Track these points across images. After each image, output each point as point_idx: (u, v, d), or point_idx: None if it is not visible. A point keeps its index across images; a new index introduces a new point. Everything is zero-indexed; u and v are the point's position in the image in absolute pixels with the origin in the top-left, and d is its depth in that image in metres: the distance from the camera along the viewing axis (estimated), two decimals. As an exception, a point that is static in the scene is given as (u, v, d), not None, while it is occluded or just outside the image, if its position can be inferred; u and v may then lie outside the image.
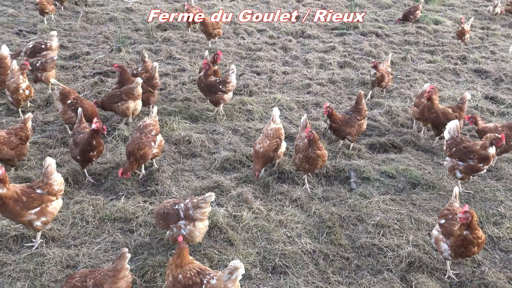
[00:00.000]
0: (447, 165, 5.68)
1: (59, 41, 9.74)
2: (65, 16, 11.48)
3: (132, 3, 12.72)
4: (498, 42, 11.63)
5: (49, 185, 4.44)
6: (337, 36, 11.47)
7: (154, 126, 5.73)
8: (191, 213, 4.31)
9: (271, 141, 5.63)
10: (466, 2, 15.61)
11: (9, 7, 11.72)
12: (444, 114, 6.32)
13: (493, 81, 9.29)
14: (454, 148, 5.61)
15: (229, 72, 7.16)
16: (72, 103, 6.29)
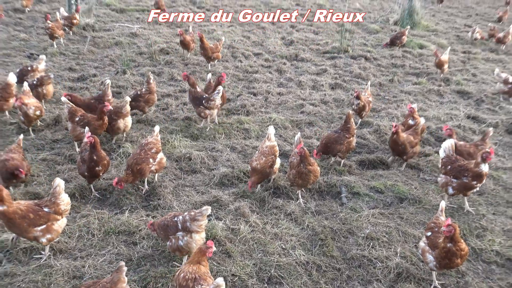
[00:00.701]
0: (440, 181, 5.69)
1: (68, 63, 9.84)
2: (74, 41, 11.54)
3: (136, 29, 12.81)
4: (478, 65, 11.75)
5: (56, 205, 4.44)
6: (329, 59, 11.57)
7: (155, 144, 5.73)
8: (188, 225, 4.31)
9: (267, 158, 5.65)
10: (449, 28, 15.82)
11: (21, 32, 11.80)
12: (410, 143, 6.35)
13: (474, 102, 9.36)
14: (449, 166, 5.61)
15: (215, 92, 7.22)
16: (80, 120, 6.32)
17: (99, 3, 15.10)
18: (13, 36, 11.49)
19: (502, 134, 8.02)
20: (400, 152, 6.41)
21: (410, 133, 6.50)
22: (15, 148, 5.54)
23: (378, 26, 15.15)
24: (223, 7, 16.61)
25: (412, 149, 6.42)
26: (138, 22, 13.70)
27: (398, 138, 6.25)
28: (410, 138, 6.40)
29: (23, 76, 8.04)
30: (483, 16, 18.53)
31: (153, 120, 7.67)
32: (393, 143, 6.39)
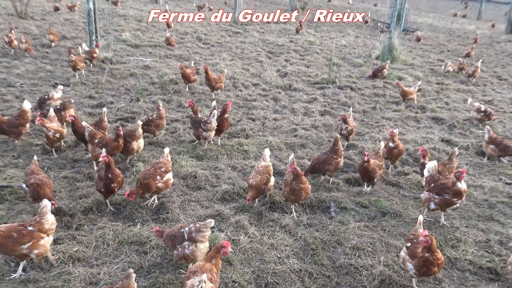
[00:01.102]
0: (424, 197, 5.67)
1: (88, 92, 9.89)
2: (94, 72, 11.62)
3: (149, 62, 12.91)
4: (451, 94, 11.85)
5: (41, 224, 4.35)
6: (318, 89, 11.65)
7: (165, 164, 5.71)
8: (193, 235, 4.30)
9: (262, 176, 5.66)
10: (424, 62, 15.97)
11: (47, 64, 11.88)
12: (378, 167, 6.24)
13: (447, 127, 9.41)
14: (432, 184, 5.60)
15: (211, 117, 7.30)
16: (99, 141, 6.33)
17: (117, 40, 15.24)
18: (40, 67, 11.56)
19: (472, 155, 8.05)
20: (370, 177, 6.23)
21: (375, 158, 6.36)
22: (36, 168, 5.41)
23: (362, 60, 15.30)
24: (226, 43, 16.79)
25: (379, 171, 6.26)
26: (150, 56, 13.81)
27: (369, 166, 6.10)
28: (377, 162, 6.27)
29: (42, 103, 8.06)
30: (454, 52, 18.75)
31: (163, 142, 7.67)
32: (364, 170, 6.19)
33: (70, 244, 4.78)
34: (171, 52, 14.47)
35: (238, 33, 19.27)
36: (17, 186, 5.80)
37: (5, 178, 6.05)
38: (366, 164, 6.10)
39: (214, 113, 7.31)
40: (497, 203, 6.34)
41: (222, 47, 16.17)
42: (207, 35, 18.06)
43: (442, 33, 24.12)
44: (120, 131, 6.41)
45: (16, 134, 6.98)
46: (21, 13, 18.21)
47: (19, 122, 6.94)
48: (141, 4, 26.59)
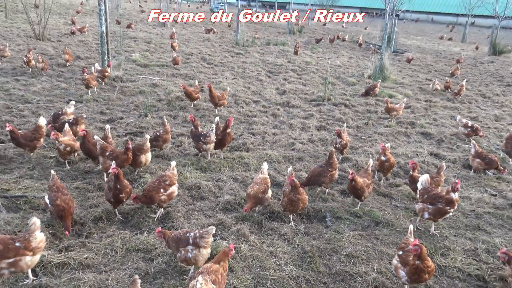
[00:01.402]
0: (418, 208, 5.62)
1: (99, 108, 9.90)
2: (105, 89, 11.65)
3: (157, 80, 12.96)
4: (438, 111, 11.85)
5: (28, 241, 4.01)
6: (315, 106, 11.66)
7: (170, 177, 5.63)
8: (198, 241, 4.27)
9: (260, 186, 5.61)
10: (413, 81, 16.03)
11: (62, 82, 11.92)
12: (367, 186, 6.01)
13: (436, 142, 9.39)
14: (425, 195, 5.58)
15: (209, 130, 7.33)
16: (110, 154, 6.31)
17: (127, 60, 15.32)
18: (55, 85, 11.60)
19: (460, 168, 8.01)
20: (359, 195, 6.04)
21: (363, 176, 6.14)
22: (61, 186, 5.21)
23: (355, 79, 15.35)
24: (228, 63, 16.87)
25: (368, 189, 6.04)
26: (158, 75, 13.87)
27: (356, 184, 5.89)
28: (366, 181, 6.04)
29: (56, 118, 8.08)
30: (441, 72, 18.83)
31: (169, 155, 7.65)
32: (353, 189, 5.99)
33: (80, 251, 4.73)
34: (178, 71, 14.53)
35: (240, 54, 19.39)
36: (31, 196, 5.76)
37: (20, 188, 6.01)
38: (353, 183, 5.91)
39: (213, 127, 7.34)
40: (483, 213, 6.29)
41: (225, 66, 16.24)
42: (211, 55, 18.17)
43: (429, 55, 24.25)
44: (129, 144, 6.40)
45: (31, 147, 6.96)
46: (39, 35, 18.35)
47: (34, 136, 6.92)
48: (150, 27, 26.82)
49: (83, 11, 32.42)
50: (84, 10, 32.89)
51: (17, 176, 6.41)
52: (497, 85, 16.59)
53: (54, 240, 4.89)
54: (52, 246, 4.78)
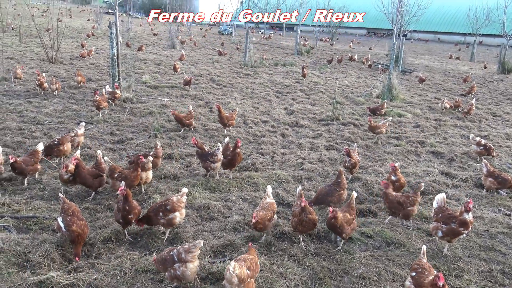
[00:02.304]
0: (432, 226, 5.56)
1: (110, 129, 10.00)
2: (116, 111, 11.80)
3: (166, 101, 13.10)
4: (448, 130, 11.78)
5: None
6: (323, 125, 11.66)
7: (173, 203, 5.42)
8: (183, 256, 4.29)
9: (266, 212, 5.44)
10: (422, 100, 16.00)
11: (73, 104, 12.11)
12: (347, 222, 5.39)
13: (446, 161, 9.30)
14: (440, 214, 5.51)
15: (216, 149, 7.38)
16: (119, 175, 6.34)
17: (137, 81, 15.55)
18: (67, 107, 11.78)
19: (472, 187, 7.90)
20: (338, 233, 5.47)
21: (345, 210, 5.54)
22: (77, 210, 5.19)
23: (364, 99, 15.38)
24: (237, 84, 17.03)
25: (350, 226, 5.46)
26: (168, 96, 14.03)
27: (336, 222, 5.33)
28: (347, 216, 5.45)
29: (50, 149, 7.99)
30: (450, 90, 18.80)
31: (178, 176, 7.66)
32: (331, 226, 5.42)
33: (89, 272, 4.70)
34: (187, 92, 14.69)
35: (249, 74, 19.58)
36: (41, 217, 5.78)
37: (31, 209, 6.05)
38: (333, 221, 5.35)
39: (219, 146, 7.41)
40: (497, 233, 6.16)
41: (234, 87, 16.39)
42: (220, 76, 18.37)
43: (438, 74, 24.26)
44: (142, 159, 6.42)
45: (33, 170, 6.94)
46: (51, 58, 18.76)
47: (33, 160, 6.89)
48: (160, 49, 27.28)
49: (95, 34, 33.14)
50: (96, 34, 33.63)
51: (28, 196, 6.46)
52: (507, 103, 16.49)
53: (63, 261, 4.88)
54: (61, 267, 4.77)
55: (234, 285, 3.99)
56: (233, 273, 3.92)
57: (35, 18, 25.17)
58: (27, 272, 4.61)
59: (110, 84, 13.12)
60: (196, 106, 12.80)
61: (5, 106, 11.35)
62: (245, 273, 4.05)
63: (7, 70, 15.15)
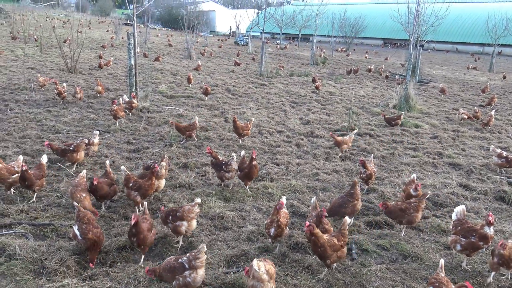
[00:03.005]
0: (450, 239, 5.44)
1: (126, 138, 10.12)
2: (132, 120, 11.94)
3: (182, 111, 13.21)
4: (467, 141, 11.58)
5: None
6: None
7: (183, 211, 5.47)
8: (193, 263, 4.32)
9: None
10: (439, 111, 15.80)
11: (91, 113, 12.30)
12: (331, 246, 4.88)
13: (465, 172, 9.13)
14: (459, 227, 5.41)
15: (230, 159, 7.46)
16: (133, 185, 6.38)
17: (154, 91, 15.74)
18: (85, 116, 11.97)
19: (491, 200, 7.72)
20: (321, 256, 4.94)
21: (335, 235, 5.01)
22: (93, 218, 5.22)
23: (380, 109, 15.26)
24: (252, 94, 17.09)
25: (336, 253, 4.92)
26: (184, 106, 14.15)
27: (317, 240, 4.81)
28: (333, 241, 4.90)
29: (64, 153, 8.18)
30: (468, 101, 18.53)
31: (193, 185, 7.68)
32: (312, 245, 4.99)
33: (104, 280, 4.72)
34: (203, 102, 14.80)
35: (264, 85, 19.65)
36: (58, 224, 5.86)
37: (48, 216, 6.14)
38: (313, 238, 4.84)
39: (233, 156, 7.46)
40: (518, 248, 5.99)
41: (249, 97, 16.46)
42: (235, 86, 18.47)
43: (455, 84, 23.96)
44: (157, 168, 6.47)
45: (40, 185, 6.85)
46: (71, 68, 19.15)
47: (41, 174, 6.82)
48: (177, 60, 27.61)
49: (114, 45, 33.79)
50: (115, 44, 34.27)
51: (45, 204, 6.55)
52: (528, 114, 16.15)
53: (78, 269, 4.91)
54: (76, 274, 4.81)
55: (266, 281, 4.07)
56: (260, 270, 4.01)
57: (56, 29, 25.75)
58: (43, 279, 4.66)
59: (127, 94, 13.30)
60: (211, 116, 12.88)
61: (25, 115, 11.60)
62: (272, 268, 4.19)
63: (28, 80, 15.52)
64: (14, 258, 4.95)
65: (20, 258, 4.94)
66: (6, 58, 22.31)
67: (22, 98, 13.59)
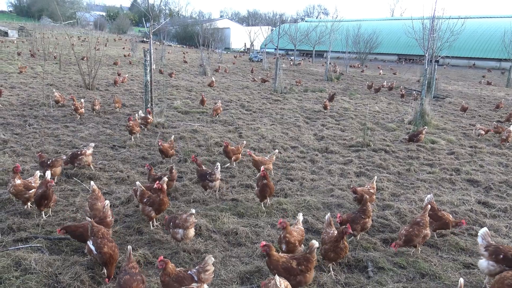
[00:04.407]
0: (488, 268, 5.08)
1: (142, 153, 10.21)
2: (148, 135, 12.06)
3: (196, 126, 13.31)
4: (484, 158, 11.37)
5: None
6: (354, 152, 11.50)
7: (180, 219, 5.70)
8: (202, 276, 4.35)
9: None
10: (456, 126, 15.60)
11: (107, 129, 12.48)
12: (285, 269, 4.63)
13: (483, 189, 8.94)
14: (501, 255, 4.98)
15: (215, 169, 7.65)
16: (147, 200, 6.41)
17: (169, 107, 15.92)
18: (101, 131, 12.14)
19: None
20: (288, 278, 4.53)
21: (296, 258, 4.74)
22: (105, 232, 5.20)
23: (395, 125, 15.14)
24: (266, 110, 17.15)
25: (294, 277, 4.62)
26: (198, 121, 14.26)
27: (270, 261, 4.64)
28: (291, 264, 4.67)
29: (74, 158, 8.55)
30: (485, 117, 18.27)
31: (206, 200, 7.68)
32: (266, 264, 4.78)
33: (117, 295, 4.71)
34: (217, 117, 14.89)
35: (278, 100, 19.71)
36: (73, 239, 5.89)
37: (63, 230, 6.18)
38: (266, 259, 4.70)
39: (217, 165, 7.70)
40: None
41: (263, 113, 16.51)
42: (249, 102, 18.57)
43: (472, 100, 23.68)
44: (163, 187, 6.43)
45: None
46: (88, 84, 19.56)
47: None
48: (192, 76, 27.97)
49: (132, 62, 34.44)
50: (132, 62, 34.93)
51: (61, 218, 6.61)
52: (548, 130, 15.80)
53: (92, 284, 4.92)
54: (90, 289, 4.81)
55: None
56: (281, 286, 4.02)
57: (75, 47, 26.40)
58: (57, 293, 4.67)
59: (143, 109, 13.48)
60: (226, 132, 12.94)
61: (43, 130, 11.82)
62: (289, 285, 4.23)
63: (47, 96, 15.87)
64: (29, 272, 4.98)
65: (35, 272, 4.97)
66: (26, 75, 22.90)
67: (41, 113, 13.89)
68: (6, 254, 5.31)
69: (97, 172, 8.65)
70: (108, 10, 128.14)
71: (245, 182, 8.66)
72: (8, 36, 52.89)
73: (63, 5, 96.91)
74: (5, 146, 10.15)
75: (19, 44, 44.90)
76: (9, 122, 12.53)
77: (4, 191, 7.40)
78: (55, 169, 7.93)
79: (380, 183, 8.81)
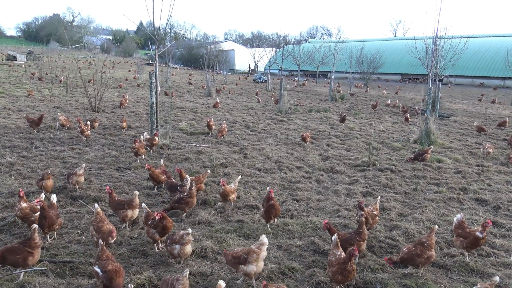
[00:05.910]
0: None
1: (147, 175, 10.22)
2: (153, 157, 12.09)
3: (202, 147, 13.34)
4: (492, 176, 11.26)
5: None
6: (360, 171, 11.45)
7: (176, 236, 5.86)
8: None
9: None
10: (462, 145, 15.52)
11: (113, 151, 12.53)
12: None
13: (492, 208, 8.83)
14: None
15: (185, 181, 8.08)
16: (151, 222, 6.38)
17: (174, 128, 16.00)
18: (107, 153, 12.19)
19: (522, 237, 7.41)
20: None
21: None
22: (109, 255, 5.20)
23: (400, 144, 15.10)
24: (271, 130, 17.19)
25: None
26: (203, 142, 14.30)
27: None
28: None
29: (68, 177, 8.94)
30: (491, 135, 18.19)
31: (212, 222, 7.63)
32: None
33: (122, 320, 4.65)
34: (222, 138, 14.93)
35: (283, 121, 19.78)
36: (78, 261, 5.86)
37: (68, 253, 6.15)
38: None
39: (187, 178, 8.02)
40: (554, 288, 5.68)
41: (268, 133, 16.55)
42: (254, 123, 18.64)
43: (477, 118, 23.62)
44: (164, 216, 6.35)
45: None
46: (94, 107, 19.76)
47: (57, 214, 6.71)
48: (197, 98, 28.19)
49: (140, 85, 34.86)
50: (140, 84, 35.36)
51: (66, 241, 6.58)
52: (555, 148, 15.69)
53: (97, 308, 4.86)
54: (94, 313, 4.75)
55: None
56: None
57: (81, 70, 26.81)
58: (61, 318, 4.61)
59: (148, 131, 13.55)
60: (231, 152, 12.95)
61: (49, 153, 11.90)
62: None
63: (53, 119, 16.03)
64: (33, 296, 4.94)
65: (40, 296, 4.92)
66: (34, 98, 23.20)
67: (47, 136, 14.00)
68: (11, 278, 5.27)
69: (103, 194, 8.66)
70: (115, 33, 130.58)
71: (251, 203, 8.61)
72: (17, 60, 53.82)
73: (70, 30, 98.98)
74: (11, 169, 10.21)
75: (27, 68, 45.65)
76: (15, 145, 12.63)
77: (9, 214, 7.41)
78: (46, 181, 8.37)
79: (387, 203, 8.75)
